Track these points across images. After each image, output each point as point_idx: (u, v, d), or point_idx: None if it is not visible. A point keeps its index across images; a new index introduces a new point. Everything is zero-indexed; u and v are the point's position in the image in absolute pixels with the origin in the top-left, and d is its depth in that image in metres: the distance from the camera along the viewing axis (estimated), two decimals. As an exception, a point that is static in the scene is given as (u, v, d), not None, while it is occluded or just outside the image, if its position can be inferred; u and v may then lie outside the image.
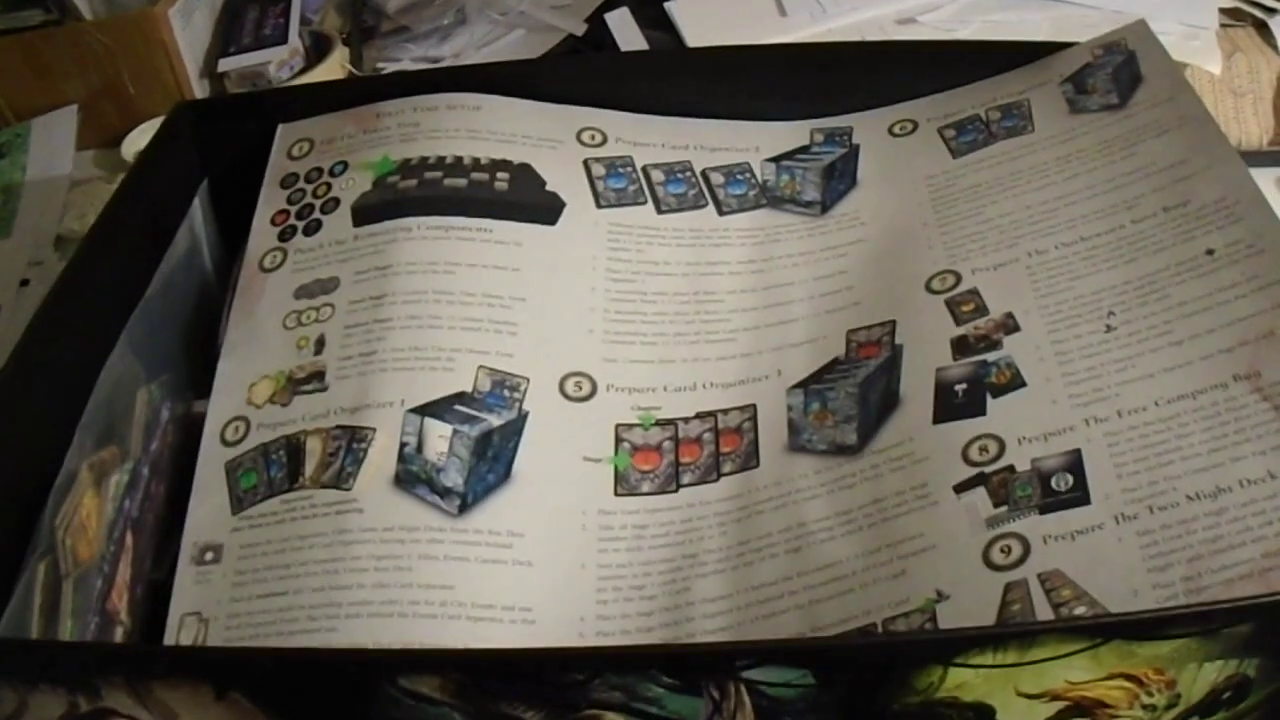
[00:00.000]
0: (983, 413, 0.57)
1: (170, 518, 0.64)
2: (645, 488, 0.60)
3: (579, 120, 0.73)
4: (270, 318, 0.66)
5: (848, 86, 0.74)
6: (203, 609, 0.57)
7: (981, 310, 0.61)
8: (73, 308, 0.60)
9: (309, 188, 0.71)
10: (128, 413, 0.62)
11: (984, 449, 0.55)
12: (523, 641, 0.54)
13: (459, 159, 0.70)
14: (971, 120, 0.71)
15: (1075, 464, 0.53)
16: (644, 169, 0.71)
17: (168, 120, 0.71)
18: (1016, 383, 0.57)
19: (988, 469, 0.55)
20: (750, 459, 0.60)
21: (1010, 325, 0.60)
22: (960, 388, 0.58)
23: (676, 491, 0.60)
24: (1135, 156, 0.65)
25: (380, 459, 0.59)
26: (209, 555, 0.58)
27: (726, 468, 0.60)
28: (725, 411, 0.62)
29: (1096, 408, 0.55)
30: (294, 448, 0.61)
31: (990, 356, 0.59)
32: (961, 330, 0.60)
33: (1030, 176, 0.67)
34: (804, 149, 0.73)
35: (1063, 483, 0.53)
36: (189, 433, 0.66)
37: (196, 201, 0.71)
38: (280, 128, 0.74)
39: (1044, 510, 0.52)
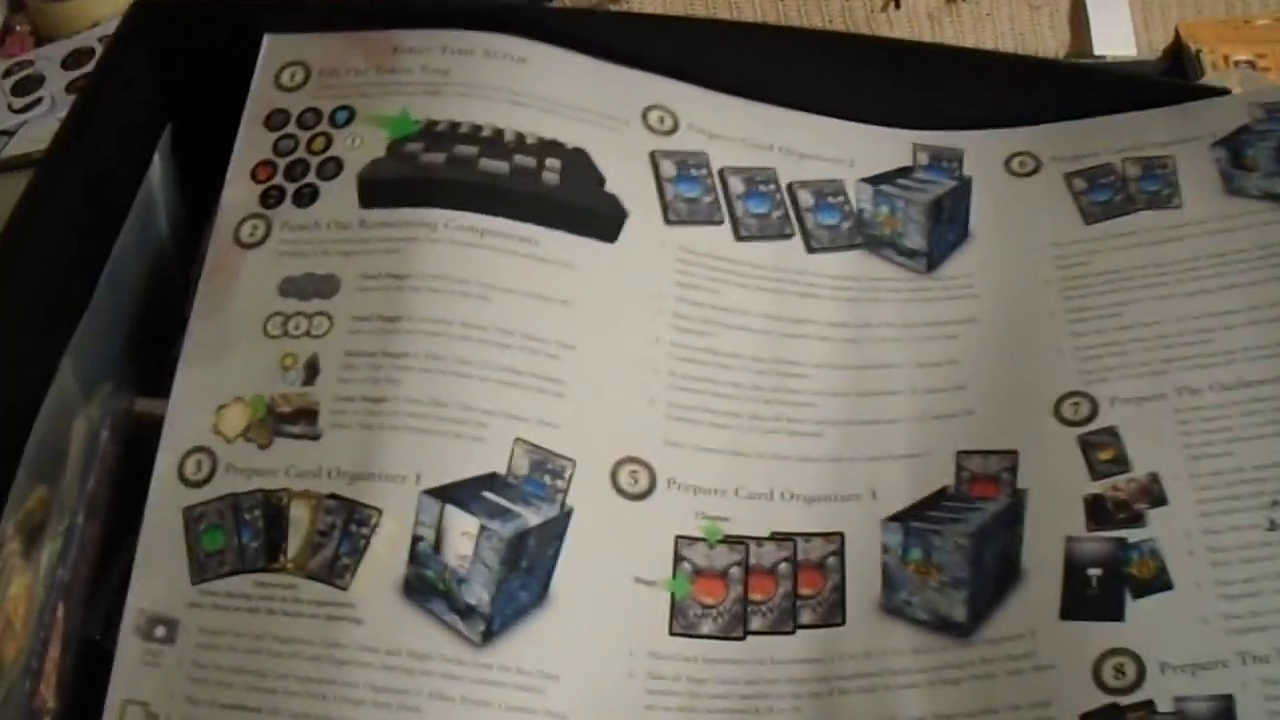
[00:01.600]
0: (1120, 616, 0.49)
1: (105, 555, 0.52)
2: (706, 628, 0.50)
3: (645, 93, 0.59)
4: (247, 316, 0.52)
5: (955, 94, 0.62)
6: (151, 700, 0.46)
7: (1122, 463, 0.52)
8: (7, 328, 0.46)
9: (303, 135, 0.56)
10: (61, 449, 0.49)
11: (1120, 670, 0.47)
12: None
13: (499, 133, 0.56)
14: (1105, 171, 0.60)
15: (1218, 715, 0.46)
16: (721, 173, 0.58)
17: (119, 36, 0.53)
18: (1161, 582, 0.49)
19: (1123, 700, 0.47)
20: (834, 612, 0.51)
21: (1156, 494, 0.51)
22: (1095, 574, 0.50)
23: (743, 639, 0.50)
24: (1308, 274, 0.55)
25: (386, 554, 0.48)
26: (160, 631, 0.47)
27: (805, 618, 0.51)
28: (807, 538, 0.52)
29: (1254, 639, 0.47)
30: (274, 511, 0.49)
31: (1132, 535, 0.50)
32: (1098, 487, 0.51)
33: (1180, 274, 0.56)
34: (905, 171, 0.61)
35: (1212, 743, 0.46)
36: (130, 441, 0.53)
37: (156, 156, 0.55)
38: (266, 40, 0.58)
39: (1188, 778, 0.45)
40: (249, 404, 0.50)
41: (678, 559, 0.51)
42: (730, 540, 0.51)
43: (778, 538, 0.52)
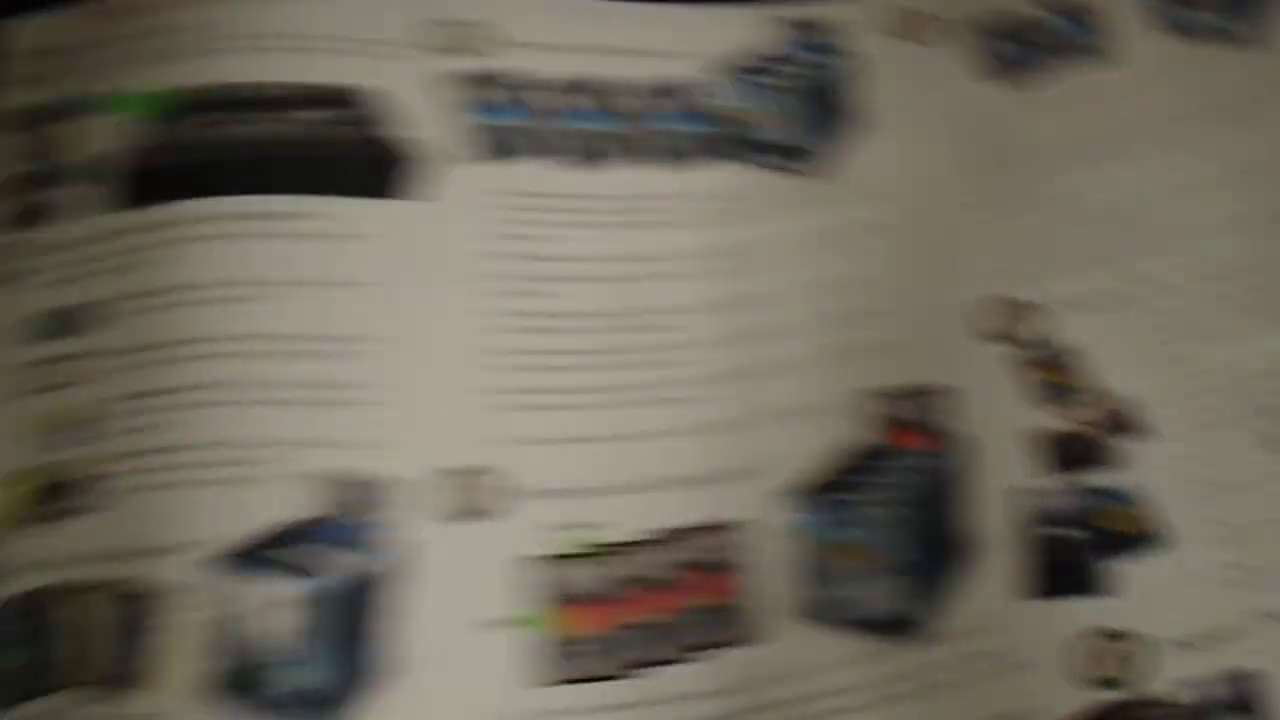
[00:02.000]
0: (1102, 587, 0.38)
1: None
2: (581, 669, 0.39)
3: (432, 7, 0.47)
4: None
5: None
6: None
7: (1079, 386, 0.41)
8: None
9: (57, 134, 0.44)
10: None
11: (1111, 656, 0.37)
12: None
13: (265, 89, 0.44)
14: (1017, 22, 0.49)
15: (1242, 697, 0.36)
16: (538, 93, 0.47)
17: None
18: (1148, 534, 0.38)
19: (1122, 693, 0.37)
20: (742, 626, 0.40)
21: (1126, 422, 0.40)
22: (1062, 534, 0.39)
23: (630, 677, 0.39)
24: (1276, 125, 0.45)
25: (185, 646, 0.36)
26: None
27: (705, 636, 0.40)
28: (694, 533, 0.41)
29: (1274, 596, 0.37)
30: (49, 613, 0.38)
31: (1103, 479, 0.39)
32: (1053, 421, 0.41)
33: (1118, 137, 0.46)
34: (772, 55, 0.49)
35: (1233, 733, 0.35)
36: None
37: None
38: (10, 26, 0.45)
39: (1208, 786, 0.35)
40: (15, 481, 0.39)
41: (537, 586, 0.40)
42: (600, 551, 0.40)
43: (658, 538, 0.41)
